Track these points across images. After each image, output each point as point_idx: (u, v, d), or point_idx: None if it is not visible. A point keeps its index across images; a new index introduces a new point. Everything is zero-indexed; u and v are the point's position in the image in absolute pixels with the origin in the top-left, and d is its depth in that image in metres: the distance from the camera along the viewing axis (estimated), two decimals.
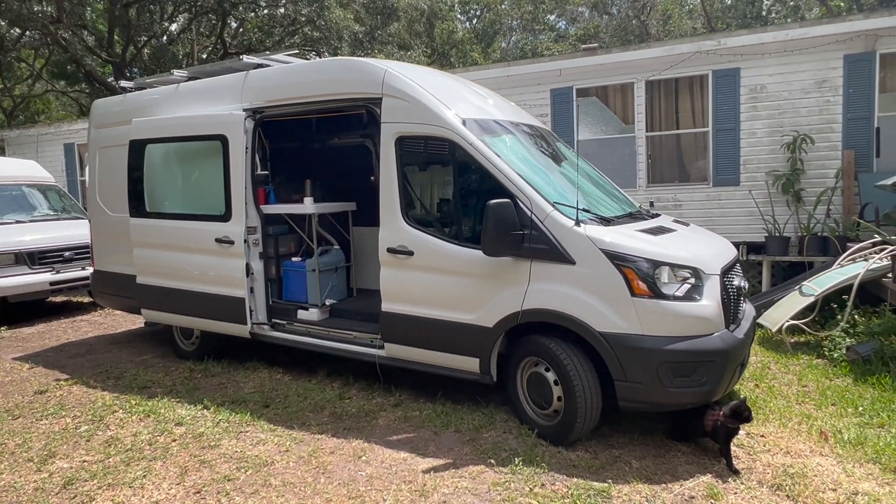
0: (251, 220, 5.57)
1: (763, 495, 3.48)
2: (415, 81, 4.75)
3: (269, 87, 5.48)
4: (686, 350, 3.76)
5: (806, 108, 7.74)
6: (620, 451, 4.05)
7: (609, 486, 3.56)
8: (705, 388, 3.84)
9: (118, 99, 6.88)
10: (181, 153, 5.95)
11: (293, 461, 3.98)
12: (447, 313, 4.50)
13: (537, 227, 4.06)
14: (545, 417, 4.23)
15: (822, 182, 7.67)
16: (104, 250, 7.07)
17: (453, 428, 4.43)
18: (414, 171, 4.85)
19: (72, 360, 6.74)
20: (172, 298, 6.04)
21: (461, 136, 4.40)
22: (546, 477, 3.69)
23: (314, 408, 4.89)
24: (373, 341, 5.10)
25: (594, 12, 30.62)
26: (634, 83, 8.52)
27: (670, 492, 3.53)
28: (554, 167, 4.91)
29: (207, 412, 4.85)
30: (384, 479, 3.72)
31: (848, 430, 4.22)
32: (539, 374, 4.21)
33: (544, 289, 4.07)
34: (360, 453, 4.07)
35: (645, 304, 3.80)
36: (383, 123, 4.75)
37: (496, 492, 3.55)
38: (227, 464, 3.97)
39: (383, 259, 4.77)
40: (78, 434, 4.55)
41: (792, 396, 4.91)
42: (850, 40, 7.42)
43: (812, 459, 3.85)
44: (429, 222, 4.68)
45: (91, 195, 7.16)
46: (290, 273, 5.84)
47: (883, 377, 5.02)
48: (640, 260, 3.86)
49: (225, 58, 22.72)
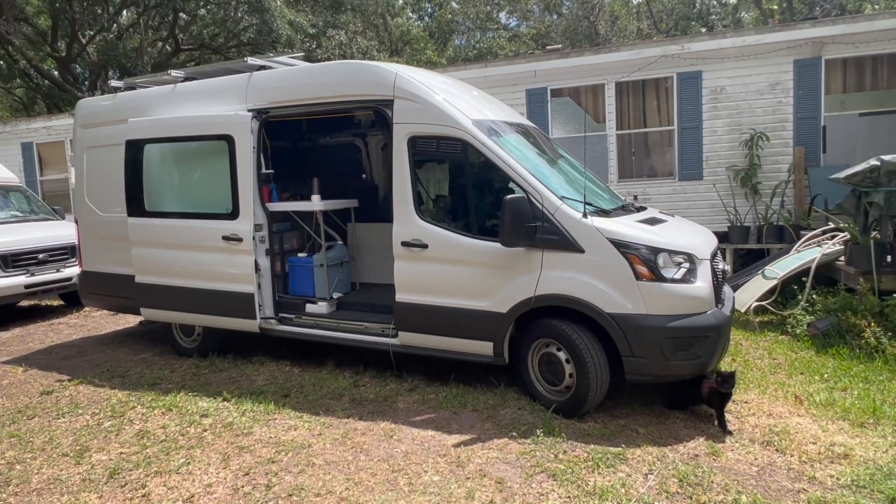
0: (258, 217, 5.73)
1: (756, 451, 3.98)
2: (425, 84, 5.04)
3: (275, 89, 5.65)
4: (685, 327, 4.22)
5: (761, 108, 8.46)
6: (626, 420, 4.49)
7: (623, 450, 3.99)
8: (701, 360, 4.31)
9: (107, 98, 6.86)
10: (184, 153, 6.03)
11: (329, 443, 4.23)
12: (461, 301, 4.83)
13: (548, 220, 4.44)
14: (556, 393, 4.63)
15: (776, 176, 8.41)
16: (94, 251, 7.02)
17: (470, 407, 4.76)
18: (426, 168, 5.14)
19: (65, 361, 6.70)
20: (175, 296, 6.12)
21: (473, 136, 4.73)
22: (566, 445, 4.08)
23: (333, 395, 5.13)
24: (384, 331, 5.38)
25: (546, 13, 31.44)
26: (605, 84, 9.06)
27: (676, 451, 3.99)
28: (552, 164, 5.30)
29: (228, 404, 5.02)
30: (419, 454, 4.03)
31: (818, 393, 4.79)
32: (551, 354, 4.60)
33: (556, 276, 4.46)
34: (389, 433, 4.36)
35: (648, 287, 4.24)
36: (395, 124, 5.02)
37: (525, 459, 3.91)
38: (266, 448, 4.18)
39: (398, 252, 5.05)
40: (104, 429, 4.64)
41: (765, 368, 5.49)
42: (800, 46, 8.16)
43: (792, 420, 4.39)
44: (442, 217, 4.99)
45: (78, 196, 7.10)
46: (297, 268, 6.04)
47: (841, 348, 5.67)
48: (643, 247, 4.30)
49: (177, 54, 22.21)
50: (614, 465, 3.81)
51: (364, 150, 7.52)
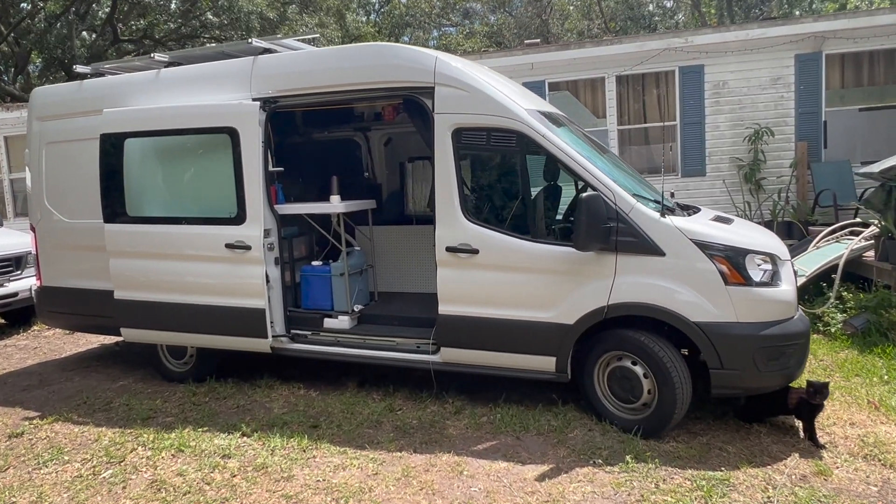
0: (267, 221, 5.02)
1: (863, 466, 3.67)
2: (469, 69, 4.50)
3: (286, 75, 4.94)
4: (778, 334, 3.88)
5: (763, 103, 8.38)
6: (706, 437, 4.11)
7: (726, 474, 3.59)
8: (790, 370, 3.99)
9: (72, 86, 5.92)
10: (175, 149, 5.22)
11: (392, 485, 3.62)
12: (519, 312, 4.32)
13: (624, 220, 4.00)
14: (630, 412, 4.19)
15: (778, 171, 8.35)
16: (56, 263, 6.06)
17: (534, 431, 4.26)
18: (474, 164, 4.59)
19: (26, 393, 5.72)
20: (166, 314, 5.29)
21: (531, 127, 4.23)
22: (662, 472, 3.65)
23: (370, 423, 4.51)
24: (419, 346, 4.80)
25: (492, 12, 31.29)
26: (605, 78, 8.76)
27: (781, 473, 3.63)
28: (607, 158, 4.86)
29: (250, 440, 4.31)
30: (502, 493, 3.49)
31: (890, 397, 4.58)
32: (625, 369, 4.15)
33: (632, 282, 4.02)
34: (457, 468, 3.79)
35: (738, 292, 3.86)
36: (437, 114, 4.44)
37: (625, 492, 3.45)
38: (319, 496, 3.53)
39: (441, 259, 4.48)
40: (105, 481, 3.84)
41: (817, 371, 5.26)
42: (801, 41, 8.12)
43: (878, 428, 4.13)
44: (495, 218, 4.46)
45: (36, 199, 6.10)
46: (311, 278, 5.35)
47: (887, 347, 5.52)
48: (729, 249, 3.92)
49: (116, 44, 20.58)
50: (726, 493, 3.41)
51: (365, 145, 6.87)
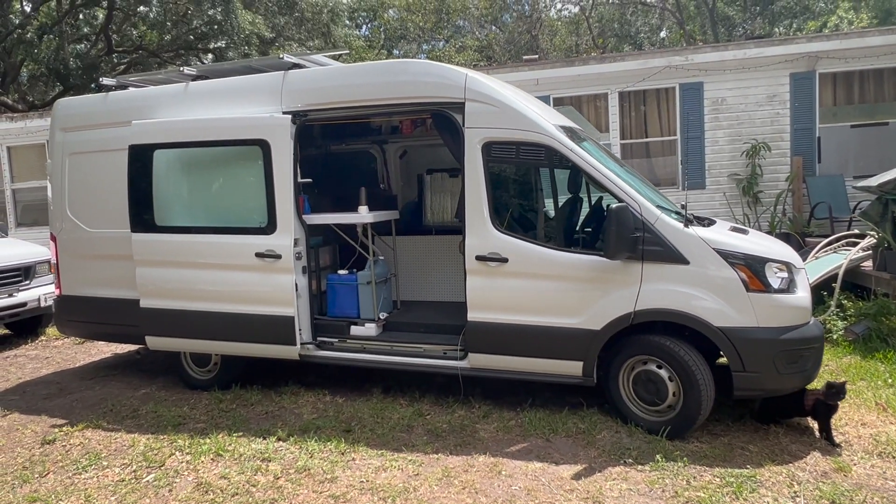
0: (296, 231, 5.15)
1: (880, 463, 3.89)
2: (497, 86, 4.70)
3: (317, 90, 5.10)
4: (797, 338, 4.10)
5: (760, 119, 8.71)
6: (728, 437, 4.30)
7: (753, 472, 3.78)
8: (807, 373, 4.21)
9: (97, 98, 6.02)
10: (205, 160, 5.34)
11: (435, 485, 3.75)
12: (547, 319, 4.49)
13: (650, 230, 4.21)
14: (656, 414, 4.37)
15: (775, 185, 8.67)
16: (77, 272, 6.11)
17: (562, 433, 4.42)
18: (503, 177, 4.78)
19: (49, 402, 5.75)
20: (193, 322, 5.38)
21: (560, 141, 4.43)
22: (691, 470, 3.82)
23: (401, 427, 4.63)
24: (446, 353, 4.95)
25: (481, 28, 31.78)
26: (608, 93, 9.04)
27: (803, 470, 3.82)
28: (628, 171, 5.08)
29: (287, 444, 4.40)
30: (543, 492, 3.64)
31: (895, 399, 4.81)
32: (650, 372, 4.34)
33: (658, 289, 4.22)
34: (495, 468, 3.93)
35: (759, 299, 4.08)
36: (467, 129, 4.63)
37: (659, 488, 3.62)
38: (366, 496, 3.64)
39: (471, 267, 4.65)
40: (150, 484, 3.92)
41: (825, 376, 5.48)
42: (796, 60, 8.48)
43: (889, 428, 4.35)
44: (524, 228, 4.64)
45: (58, 209, 6.16)
46: (338, 287, 5.48)
47: (888, 352, 5.78)
48: (749, 257, 4.14)
49: (110, 54, 20.58)
50: (755, 489, 3.59)
51: (381, 157, 7.03)
